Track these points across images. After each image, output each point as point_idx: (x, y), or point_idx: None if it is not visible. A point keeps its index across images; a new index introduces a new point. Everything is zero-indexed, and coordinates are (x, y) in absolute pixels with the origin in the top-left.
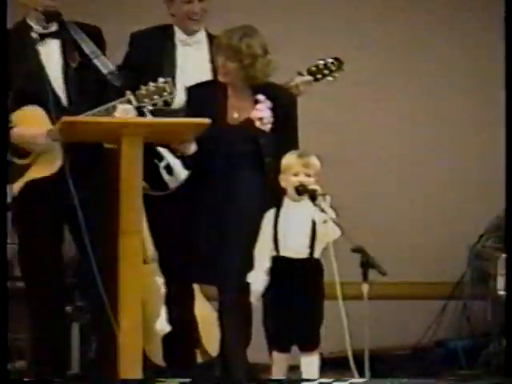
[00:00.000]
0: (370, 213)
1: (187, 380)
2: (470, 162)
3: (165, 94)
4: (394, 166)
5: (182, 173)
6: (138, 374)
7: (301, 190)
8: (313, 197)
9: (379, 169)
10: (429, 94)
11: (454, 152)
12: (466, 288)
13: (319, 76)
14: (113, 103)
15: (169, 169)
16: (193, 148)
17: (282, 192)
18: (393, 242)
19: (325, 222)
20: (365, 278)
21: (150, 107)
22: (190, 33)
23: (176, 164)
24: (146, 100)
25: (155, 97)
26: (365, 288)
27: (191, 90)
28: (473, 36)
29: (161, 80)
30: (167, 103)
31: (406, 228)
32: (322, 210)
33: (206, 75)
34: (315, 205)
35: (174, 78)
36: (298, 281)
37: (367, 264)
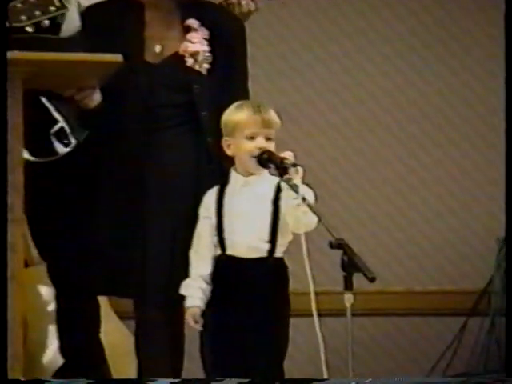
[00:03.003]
0: (356, 193)
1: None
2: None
3: (51, 8)
4: (396, 128)
5: (78, 134)
6: None
7: (264, 160)
8: (282, 169)
9: (370, 130)
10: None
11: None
12: (495, 299)
13: None
14: None
15: (62, 130)
16: (96, 98)
17: (227, 163)
18: (388, 235)
19: (299, 205)
20: (347, 285)
21: (30, 28)
22: None
23: (71, 122)
24: (23, 17)
25: (37, 12)
26: (348, 300)
27: (89, 13)
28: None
29: None
30: (56, 25)
31: (408, 215)
32: (294, 189)
33: None
34: (284, 181)
35: None
36: (251, 290)
37: (351, 265)
